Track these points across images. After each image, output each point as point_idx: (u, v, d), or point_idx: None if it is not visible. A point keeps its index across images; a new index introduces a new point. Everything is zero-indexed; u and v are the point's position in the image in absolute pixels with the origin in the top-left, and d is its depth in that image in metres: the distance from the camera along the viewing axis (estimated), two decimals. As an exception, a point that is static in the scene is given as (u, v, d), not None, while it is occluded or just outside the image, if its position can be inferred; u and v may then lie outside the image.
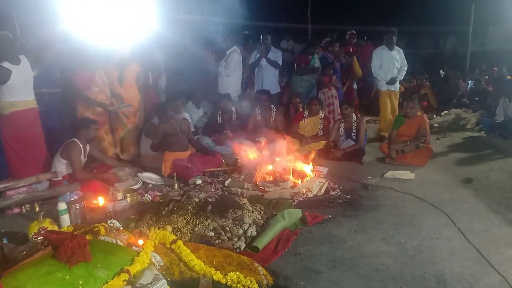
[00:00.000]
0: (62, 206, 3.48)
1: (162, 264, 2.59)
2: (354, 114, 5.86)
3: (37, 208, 3.91)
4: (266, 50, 6.90)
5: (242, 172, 4.80)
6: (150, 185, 4.70)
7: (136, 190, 4.36)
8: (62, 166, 4.37)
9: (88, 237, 2.61)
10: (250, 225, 3.32)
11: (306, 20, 12.54)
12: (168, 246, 2.75)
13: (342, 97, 7.54)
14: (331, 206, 3.93)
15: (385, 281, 2.65)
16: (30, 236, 2.93)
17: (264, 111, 6.25)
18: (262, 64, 6.92)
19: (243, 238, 3.16)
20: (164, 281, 2.31)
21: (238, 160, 5.09)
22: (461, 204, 3.92)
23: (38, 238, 2.45)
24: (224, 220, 3.35)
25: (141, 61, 5.67)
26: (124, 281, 2.19)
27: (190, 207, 3.46)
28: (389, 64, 6.66)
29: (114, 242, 2.63)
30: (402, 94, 7.54)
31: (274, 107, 6.42)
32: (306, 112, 6.19)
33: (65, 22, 4.76)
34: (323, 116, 6.15)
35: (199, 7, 7.25)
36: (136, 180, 4.65)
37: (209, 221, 3.32)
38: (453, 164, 5.34)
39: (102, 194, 4.06)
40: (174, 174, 4.70)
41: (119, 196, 4.10)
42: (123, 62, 5.37)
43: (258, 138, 5.72)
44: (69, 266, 2.12)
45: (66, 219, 3.48)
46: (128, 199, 4.07)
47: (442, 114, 8.50)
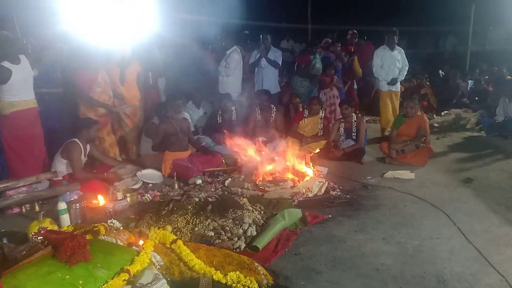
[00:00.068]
0: (62, 206, 3.49)
1: (162, 263, 2.59)
2: (354, 114, 5.86)
3: (37, 208, 3.91)
4: (266, 50, 6.89)
5: (242, 172, 4.80)
6: (150, 184, 4.70)
7: (136, 190, 4.36)
8: (62, 166, 4.38)
9: (88, 236, 2.61)
10: (250, 225, 3.32)
11: (306, 20, 12.53)
12: (168, 246, 2.75)
13: (343, 96, 7.52)
14: (331, 206, 3.93)
15: (385, 281, 2.65)
16: (30, 235, 2.94)
17: (264, 111, 6.25)
18: (262, 64, 6.91)
19: (243, 238, 3.16)
20: (164, 280, 2.31)
21: (238, 159, 5.09)
22: (461, 204, 3.92)
23: (38, 238, 2.45)
24: (224, 220, 3.35)
25: (141, 60, 5.67)
26: (124, 280, 2.19)
27: (190, 207, 3.46)
28: (390, 64, 6.64)
29: (114, 242, 2.64)
30: (402, 94, 7.53)
31: (274, 107, 6.42)
32: (306, 112, 6.18)
33: (65, 22, 4.75)
34: (323, 116, 6.15)
35: (199, 7, 7.24)
36: (136, 180, 4.66)
37: (209, 221, 3.32)
38: (453, 164, 5.34)
39: (102, 194, 4.07)
40: (174, 174, 4.71)
41: (119, 196, 4.11)
42: (124, 61, 5.37)
43: (258, 137, 5.71)
44: (69, 266, 2.12)
45: (66, 219, 3.48)
46: (128, 199, 4.07)
47: (442, 114, 8.50)
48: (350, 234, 3.32)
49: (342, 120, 5.89)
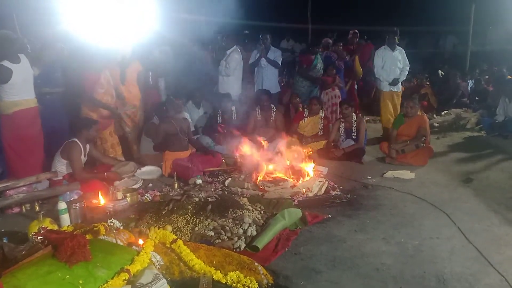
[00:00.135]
0: (62, 205, 3.48)
1: (162, 263, 2.59)
2: (354, 114, 5.86)
3: (37, 207, 3.90)
4: (266, 50, 6.89)
5: (242, 171, 4.80)
6: (150, 184, 4.70)
7: (136, 190, 4.36)
8: (62, 166, 4.37)
9: (88, 236, 2.60)
10: (250, 224, 3.32)
11: (306, 20, 12.52)
12: (168, 246, 2.75)
13: (345, 96, 7.48)
14: (331, 206, 3.93)
15: (385, 280, 2.65)
16: (30, 235, 2.94)
17: (264, 111, 6.25)
18: (262, 63, 6.91)
19: (243, 237, 3.16)
20: (164, 280, 2.31)
21: (238, 159, 5.09)
22: (461, 204, 3.92)
23: (38, 238, 2.45)
24: (224, 219, 3.35)
25: (141, 60, 5.67)
26: (124, 280, 2.19)
27: (190, 207, 3.46)
28: (391, 64, 6.61)
29: (114, 241, 2.63)
30: (402, 93, 7.52)
31: (274, 107, 6.42)
32: (306, 111, 6.19)
33: (65, 22, 4.75)
34: (323, 115, 6.15)
35: (199, 7, 7.25)
36: (136, 179, 4.66)
37: (209, 220, 3.32)
38: (453, 164, 5.34)
39: (102, 194, 4.06)
40: (174, 173, 4.71)
41: (119, 195, 4.11)
42: (124, 61, 5.36)
43: (258, 137, 5.71)
44: (69, 266, 2.12)
45: (66, 219, 3.48)
46: (128, 199, 4.07)
47: (442, 114, 8.50)
48: (350, 234, 3.32)
49: (342, 120, 5.89)
